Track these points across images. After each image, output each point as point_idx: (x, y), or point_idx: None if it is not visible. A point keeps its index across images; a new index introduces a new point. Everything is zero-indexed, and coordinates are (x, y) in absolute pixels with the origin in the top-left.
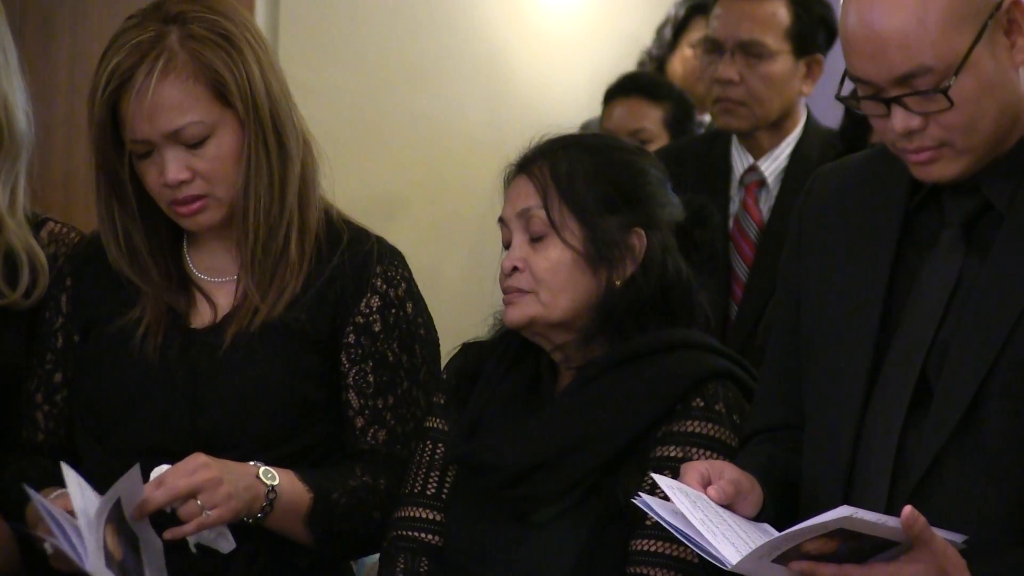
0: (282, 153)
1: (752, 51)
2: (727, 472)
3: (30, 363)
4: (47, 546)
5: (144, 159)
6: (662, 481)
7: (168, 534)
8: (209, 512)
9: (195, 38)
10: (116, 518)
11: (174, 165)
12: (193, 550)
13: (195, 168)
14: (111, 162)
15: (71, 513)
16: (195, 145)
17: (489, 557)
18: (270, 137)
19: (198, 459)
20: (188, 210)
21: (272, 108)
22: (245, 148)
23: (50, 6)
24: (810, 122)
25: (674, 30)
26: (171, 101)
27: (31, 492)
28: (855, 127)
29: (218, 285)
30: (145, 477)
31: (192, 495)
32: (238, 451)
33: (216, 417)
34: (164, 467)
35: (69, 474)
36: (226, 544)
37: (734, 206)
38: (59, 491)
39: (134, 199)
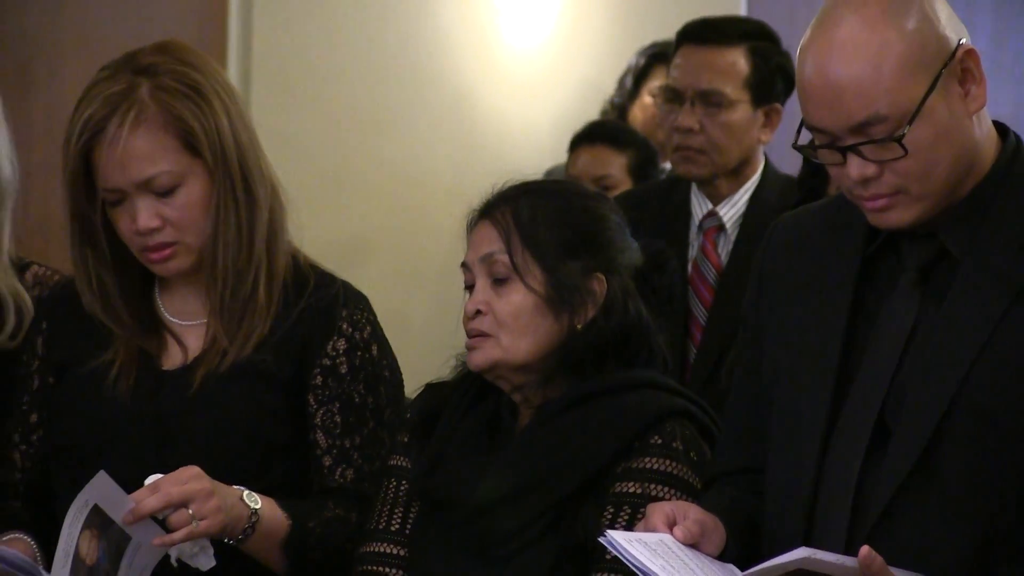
0: (250, 200)
1: (711, 100)
2: (692, 513)
3: (9, 404)
4: None
5: (116, 207)
6: (617, 537)
7: (157, 541)
8: (199, 522)
9: (165, 90)
10: (97, 523)
11: (145, 213)
12: (174, 564)
13: (165, 216)
14: (84, 209)
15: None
16: (165, 194)
17: None
18: (238, 185)
19: (191, 470)
20: (159, 256)
21: (240, 157)
22: (214, 196)
23: (27, 55)
24: (768, 169)
25: (635, 79)
26: (142, 151)
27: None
28: (813, 176)
29: (188, 328)
30: (125, 486)
31: (184, 504)
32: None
33: (185, 454)
34: (157, 475)
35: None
36: (206, 560)
37: (693, 251)
38: (11, 535)
39: (107, 245)
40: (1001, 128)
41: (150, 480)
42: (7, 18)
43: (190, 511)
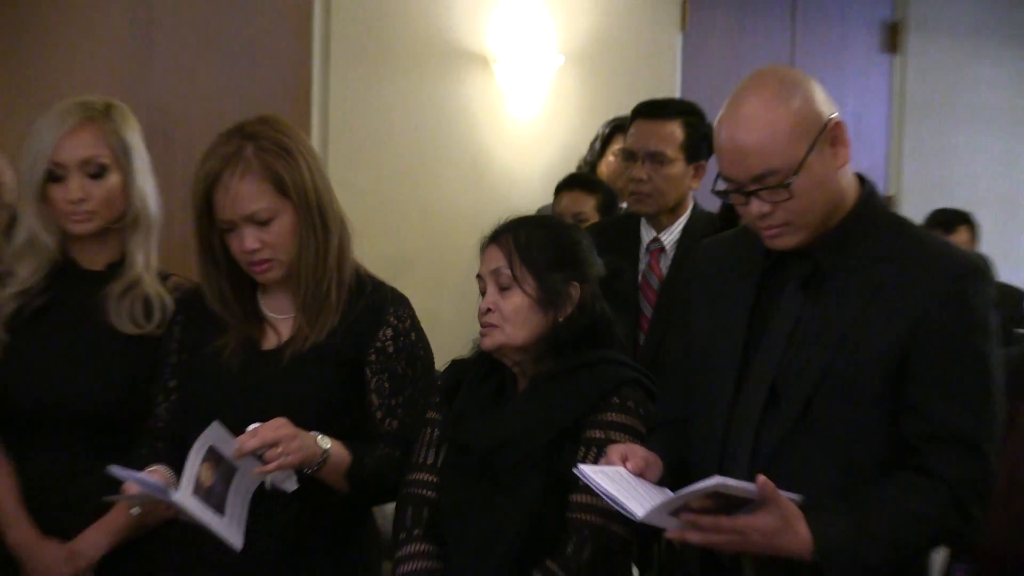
0: (324, 229)
1: (656, 159)
2: (639, 452)
3: (156, 373)
4: (134, 510)
5: (230, 233)
6: (586, 469)
7: (257, 471)
8: (286, 457)
9: (264, 150)
10: (212, 459)
11: (249, 239)
12: (268, 487)
13: (264, 240)
14: (208, 235)
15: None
16: (264, 224)
17: (469, 509)
18: (316, 219)
19: (280, 420)
20: (260, 269)
21: (318, 199)
22: (299, 226)
23: (170, 122)
24: (696, 207)
25: (601, 143)
26: (247, 194)
27: (113, 468)
28: (729, 211)
29: (281, 320)
30: (234, 431)
31: (275, 444)
32: None
33: (277, 410)
34: (256, 424)
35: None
36: (291, 485)
37: (642, 266)
38: (154, 467)
39: (224, 261)
40: (860, 177)
41: (251, 427)
42: (152, 97)
43: (279, 449)
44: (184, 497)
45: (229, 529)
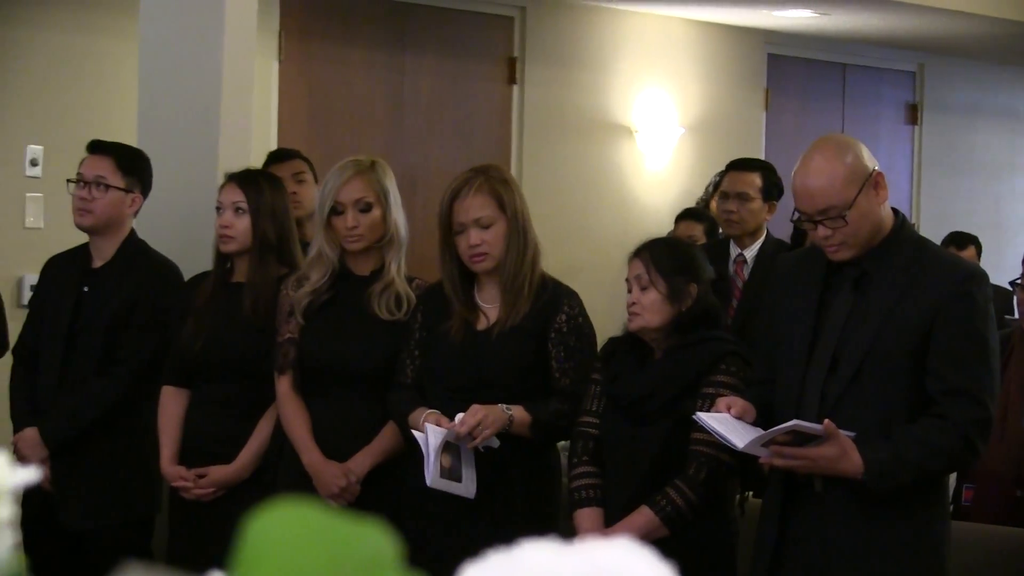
0: (524, 242)
1: (742, 197)
2: (739, 402)
3: (404, 346)
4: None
5: (460, 235)
6: (701, 415)
7: (470, 445)
8: (485, 430)
9: (491, 179)
10: (448, 448)
11: (474, 236)
12: (481, 449)
13: (483, 239)
14: (447, 238)
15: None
16: (485, 228)
17: (622, 444)
18: (520, 233)
19: (475, 407)
20: (478, 259)
21: (523, 220)
22: (508, 236)
23: (412, 164)
24: (768, 234)
25: (712, 188)
26: (477, 204)
27: (429, 426)
28: (801, 234)
29: (489, 308)
30: (458, 389)
31: (478, 424)
32: (499, 390)
33: (488, 375)
34: (460, 414)
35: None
36: (494, 443)
37: (730, 272)
38: (428, 411)
39: (454, 261)
40: (894, 210)
41: (459, 417)
42: (402, 155)
43: (480, 426)
44: (435, 481)
45: (466, 487)
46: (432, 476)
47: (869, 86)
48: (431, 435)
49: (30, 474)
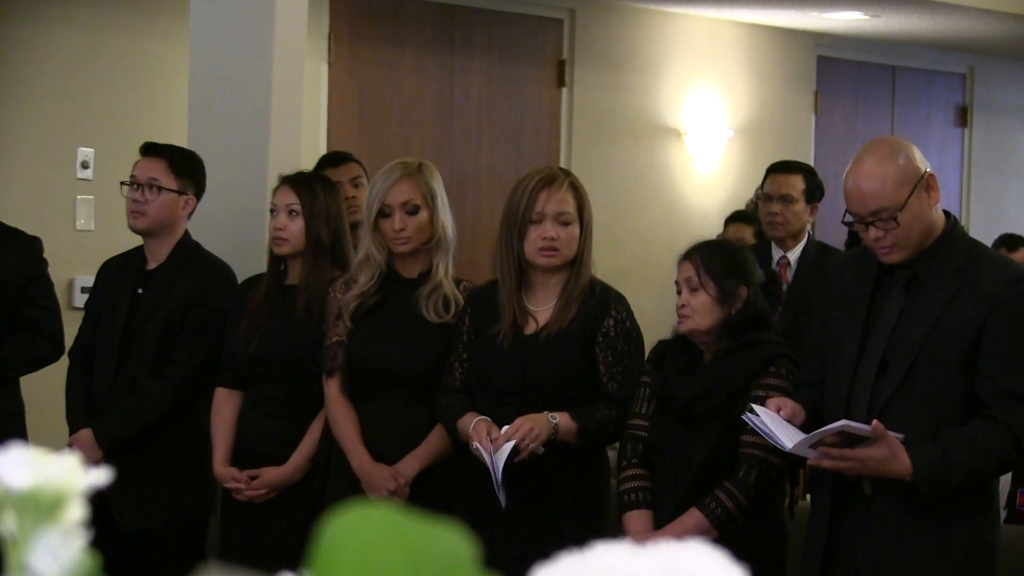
0: (587, 245)
1: (786, 200)
2: (788, 403)
3: (452, 348)
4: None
5: (535, 225)
6: (751, 416)
7: (517, 458)
8: (531, 443)
9: (573, 181)
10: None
11: (552, 229)
12: (526, 457)
13: (559, 235)
14: (513, 229)
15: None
16: (565, 224)
17: (670, 444)
18: (589, 239)
19: (520, 420)
20: (548, 255)
21: (589, 225)
22: (579, 237)
23: (460, 177)
24: (810, 236)
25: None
26: (564, 199)
27: (478, 446)
28: (855, 236)
29: (539, 312)
30: (506, 391)
31: (525, 434)
32: (547, 395)
33: (536, 379)
34: (506, 426)
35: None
36: (540, 449)
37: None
38: (478, 418)
39: (515, 261)
40: (946, 212)
41: (504, 430)
42: (451, 158)
43: (526, 440)
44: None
45: (501, 497)
46: (504, 499)
47: (919, 88)
48: (498, 457)
49: (100, 476)
